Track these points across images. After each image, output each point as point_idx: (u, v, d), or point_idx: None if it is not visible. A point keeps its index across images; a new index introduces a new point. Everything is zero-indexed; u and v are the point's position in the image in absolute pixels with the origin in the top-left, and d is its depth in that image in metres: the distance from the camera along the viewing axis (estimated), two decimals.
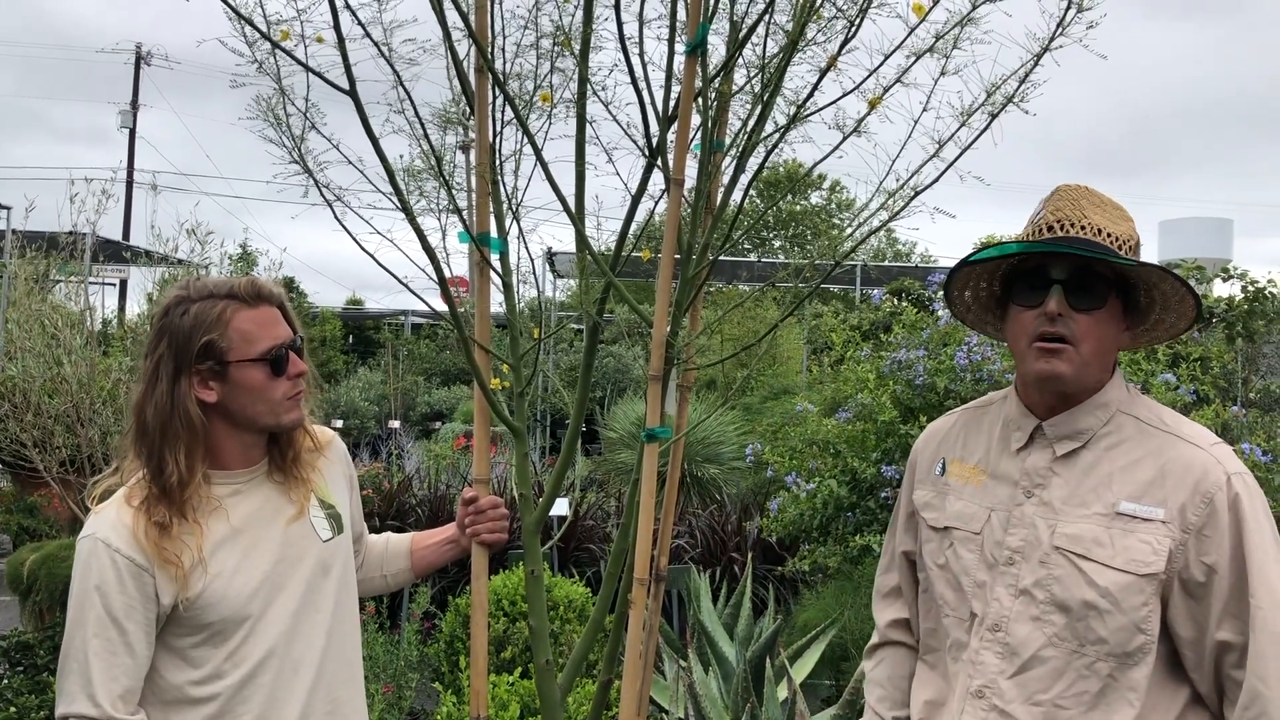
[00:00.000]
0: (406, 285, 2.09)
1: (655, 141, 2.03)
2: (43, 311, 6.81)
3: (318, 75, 1.86)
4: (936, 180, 1.94)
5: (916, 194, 1.94)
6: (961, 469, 1.80)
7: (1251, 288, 8.84)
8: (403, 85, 1.95)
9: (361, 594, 2.19)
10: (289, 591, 1.81)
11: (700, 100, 1.99)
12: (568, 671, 2.26)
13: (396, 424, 14.46)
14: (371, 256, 1.98)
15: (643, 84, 2.01)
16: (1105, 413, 1.68)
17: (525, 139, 2.05)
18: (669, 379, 2.09)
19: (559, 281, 18.42)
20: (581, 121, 2.07)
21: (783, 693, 3.74)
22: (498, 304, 2.16)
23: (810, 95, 1.96)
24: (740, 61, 2.03)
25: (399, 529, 2.30)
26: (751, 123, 2.03)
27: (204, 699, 1.74)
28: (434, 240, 2.04)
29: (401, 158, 2.02)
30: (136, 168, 26.70)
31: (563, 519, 5.99)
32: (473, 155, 2.10)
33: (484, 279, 2.11)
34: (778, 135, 2.00)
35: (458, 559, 2.23)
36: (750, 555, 5.48)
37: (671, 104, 2.03)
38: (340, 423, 14.90)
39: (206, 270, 8.12)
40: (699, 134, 2.02)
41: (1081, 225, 1.63)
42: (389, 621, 5.60)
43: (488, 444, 2.18)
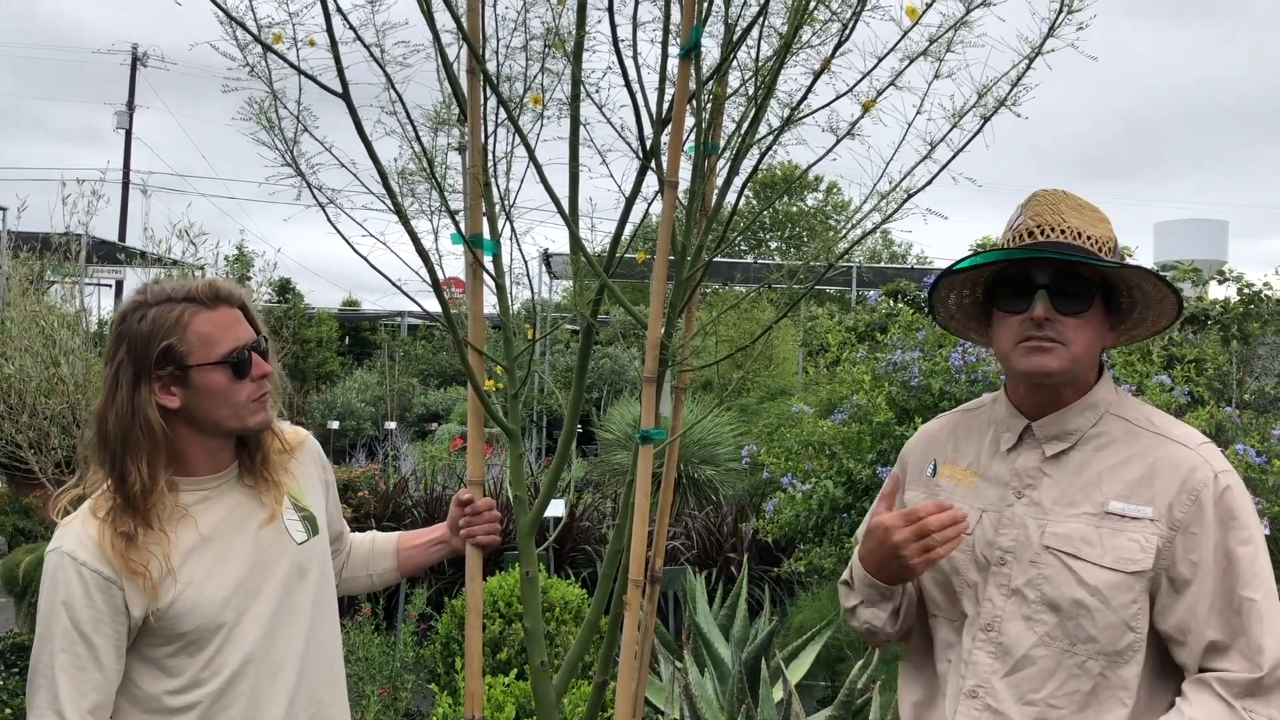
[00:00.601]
0: (400, 288, 2.08)
1: (649, 144, 2.04)
2: (38, 312, 6.80)
3: (310, 78, 1.86)
4: (929, 183, 1.94)
5: (909, 196, 1.94)
6: (953, 471, 1.81)
7: (1247, 290, 8.86)
8: (394, 88, 1.95)
9: (345, 593, 2.18)
10: (264, 596, 1.79)
11: (694, 102, 1.99)
12: (563, 673, 2.26)
13: (393, 425, 14.43)
14: (365, 259, 1.98)
15: (636, 86, 2.01)
16: (1094, 413, 1.69)
17: (518, 140, 2.05)
18: (664, 380, 2.10)
19: (555, 283, 18.41)
20: (575, 123, 2.07)
21: (778, 694, 3.75)
22: (492, 305, 2.16)
23: (804, 98, 1.96)
24: (734, 64, 2.03)
25: (395, 530, 2.30)
26: (746, 125, 2.03)
27: (183, 708, 1.72)
28: (427, 242, 2.04)
29: (395, 160, 2.02)
30: (132, 168, 26.67)
31: (558, 520, 5.99)
32: (466, 157, 2.10)
33: (477, 280, 2.11)
34: (772, 138, 2.01)
35: (446, 559, 2.22)
36: (746, 556, 5.49)
37: (665, 106, 2.03)
38: (336, 424, 14.89)
39: (202, 271, 8.12)
40: (693, 136, 2.02)
41: (1061, 229, 1.64)
42: (385, 623, 5.60)
43: (482, 445, 2.18)
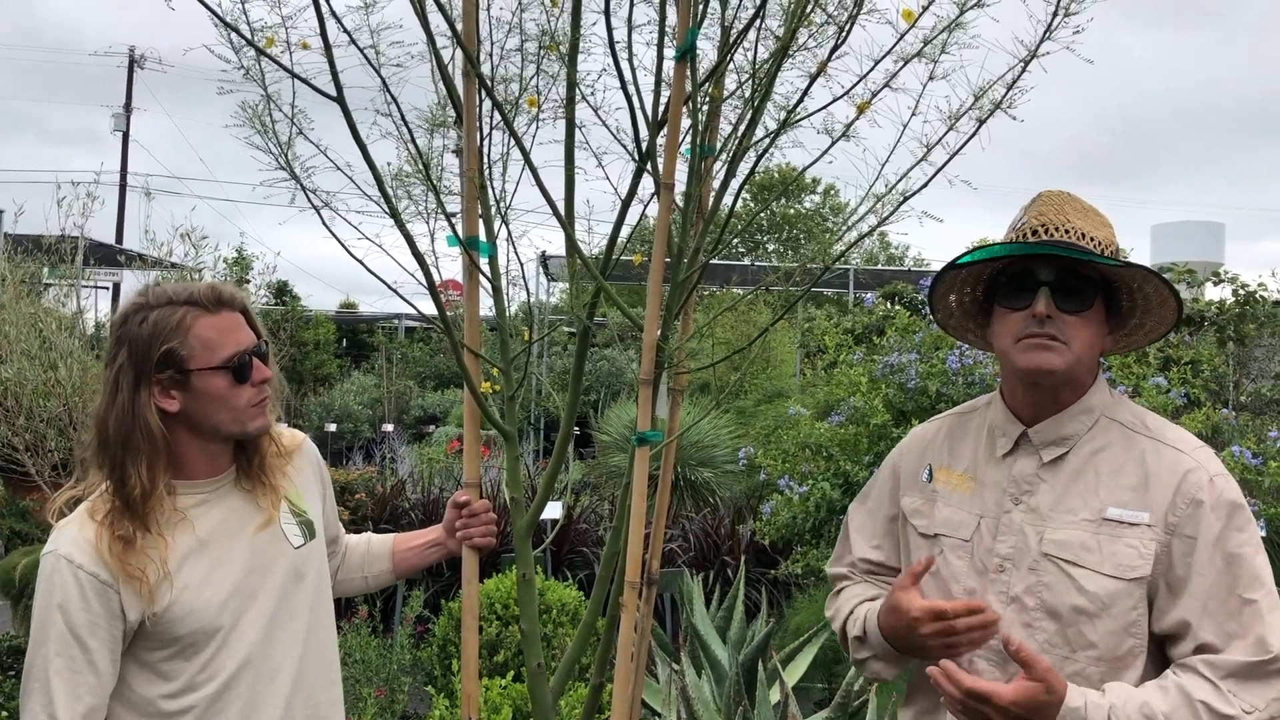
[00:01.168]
0: (396, 291, 2.08)
1: (645, 146, 2.04)
2: (35, 314, 6.79)
3: (304, 82, 1.86)
4: (925, 185, 1.94)
5: (905, 199, 1.94)
6: (949, 475, 1.80)
7: (1242, 291, 8.87)
8: (389, 91, 1.95)
9: (341, 594, 2.18)
10: (261, 600, 1.79)
11: (690, 105, 1.99)
12: (560, 675, 2.26)
13: (390, 427, 14.44)
14: (360, 262, 1.98)
15: (632, 88, 2.01)
16: (1090, 417, 1.69)
17: (514, 143, 2.05)
18: (661, 383, 2.10)
19: (552, 285, 18.41)
20: (571, 125, 2.07)
21: (775, 696, 3.75)
22: (488, 307, 2.16)
23: (800, 100, 1.96)
24: (730, 66, 2.03)
25: (393, 533, 2.30)
26: (742, 128, 2.03)
27: (179, 711, 1.72)
28: (423, 245, 2.04)
29: (390, 163, 2.02)
30: (130, 170, 26.65)
31: (555, 522, 5.99)
32: (462, 159, 2.10)
33: (473, 283, 2.11)
34: (768, 140, 2.01)
35: (443, 561, 2.22)
36: (743, 558, 5.48)
37: (661, 109, 2.03)
38: (334, 426, 14.88)
39: (200, 274, 8.11)
40: (689, 138, 2.02)
41: (1066, 229, 1.64)
42: (382, 625, 5.59)
43: (478, 447, 2.18)
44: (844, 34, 1.92)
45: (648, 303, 1.99)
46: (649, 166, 2.04)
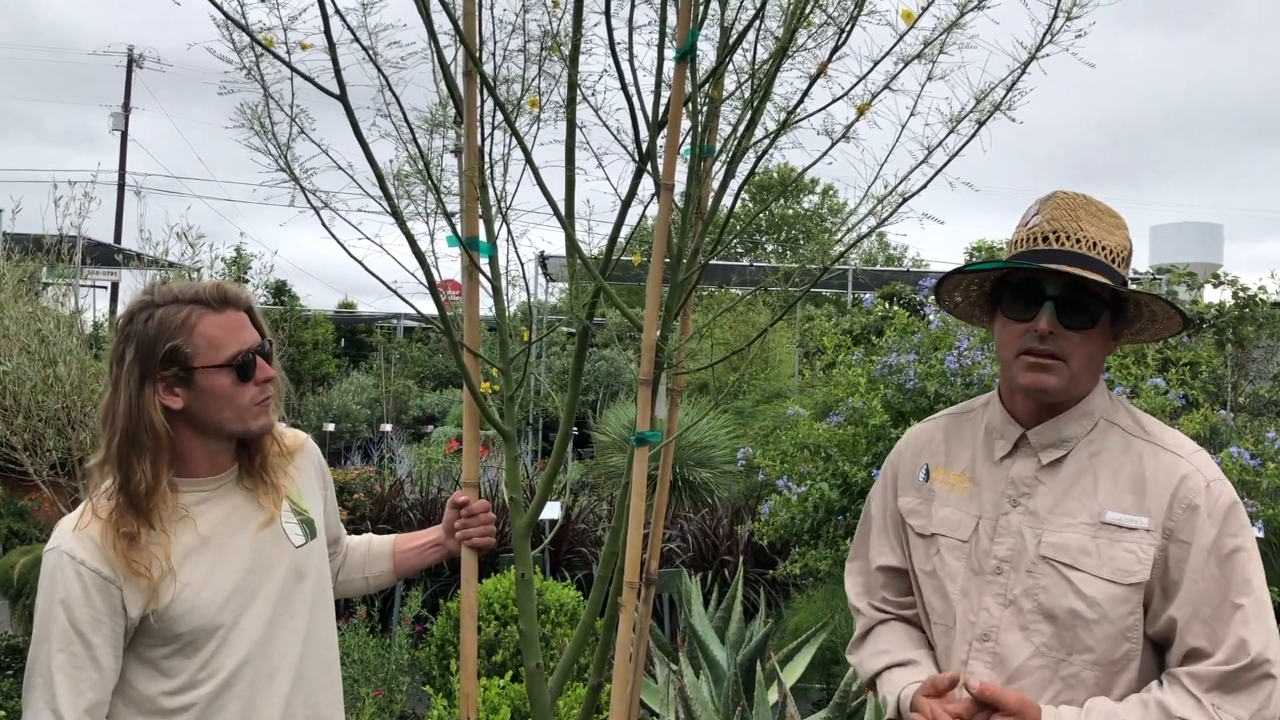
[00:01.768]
0: (395, 291, 2.09)
1: (645, 146, 2.04)
2: (34, 313, 6.78)
3: (308, 80, 1.86)
4: (925, 186, 1.94)
5: (905, 200, 1.95)
6: (947, 475, 1.80)
7: (1241, 293, 8.88)
8: (391, 90, 1.95)
9: (342, 595, 2.19)
10: (262, 599, 1.80)
11: (690, 105, 1.99)
12: (558, 675, 2.26)
13: (388, 427, 14.42)
14: (360, 263, 1.98)
15: (633, 89, 2.01)
16: (1088, 420, 1.68)
17: (514, 143, 2.06)
18: (660, 383, 2.10)
19: (551, 285, 18.40)
20: (571, 126, 2.07)
21: (773, 696, 3.75)
22: (488, 308, 2.16)
23: (800, 101, 1.96)
24: (730, 67, 2.03)
25: (391, 533, 2.30)
26: (742, 128, 2.03)
27: (179, 709, 1.72)
28: (423, 244, 2.04)
29: (391, 162, 2.02)
30: (128, 170, 26.62)
31: (554, 523, 5.99)
32: (462, 159, 2.10)
33: (473, 283, 2.12)
34: (768, 141, 2.01)
35: (442, 561, 2.23)
36: (741, 559, 5.48)
37: (662, 109, 2.04)
38: (332, 426, 14.85)
39: (198, 274, 8.11)
40: (689, 139, 2.02)
41: (1077, 238, 1.61)
42: (380, 625, 5.59)
43: (477, 448, 2.18)
44: (844, 35, 1.92)
45: (647, 303, 2.00)
46: (649, 167, 2.04)
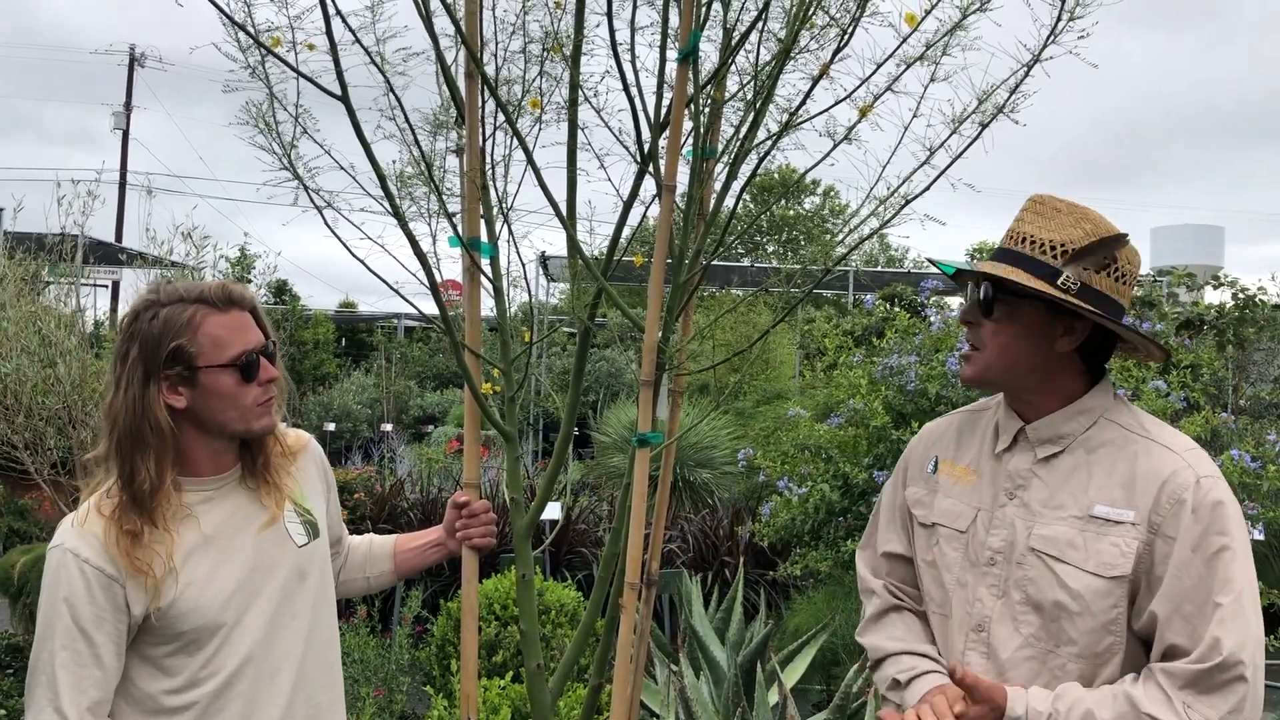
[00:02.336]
0: (397, 290, 2.09)
1: (647, 148, 2.04)
2: (35, 313, 6.78)
3: (311, 81, 1.87)
4: (927, 188, 1.95)
5: (907, 202, 1.95)
6: (953, 468, 1.84)
7: (1242, 295, 8.88)
8: (393, 91, 1.96)
9: (343, 595, 2.19)
10: (264, 599, 1.80)
11: (692, 107, 1.99)
12: (558, 675, 2.27)
13: (389, 427, 14.43)
14: (362, 263, 1.98)
15: (634, 90, 2.01)
16: (1088, 418, 1.71)
17: (516, 143, 2.06)
18: (661, 384, 2.10)
19: (552, 286, 18.40)
20: (573, 127, 2.07)
21: (773, 697, 3.75)
22: (489, 308, 2.17)
23: (803, 103, 1.96)
24: (733, 68, 2.03)
25: (391, 532, 2.30)
26: (744, 130, 2.03)
27: (180, 707, 1.73)
28: (425, 245, 2.04)
29: (393, 163, 2.02)
30: (130, 169, 26.64)
31: (555, 523, 5.99)
32: (464, 160, 2.10)
33: (474, 283, 2.12)
34: (770, 142, 2.01)
35: (443, 562, 2.23)
36: (742, 560, 5.48)
37: (663, 110, 2.04)
38: (333, 425, 14.86)
39: (201, 274, 8.11)
40: (691, 140, 2.02)
41: (1021, 236, 1.72)
42: (381, 625, 5.59)
43: (478, 448, 2.18)
44: (846, 37, 1.92)
45: (648, 304, 2.00)
46: (651, 168, 2.04)
